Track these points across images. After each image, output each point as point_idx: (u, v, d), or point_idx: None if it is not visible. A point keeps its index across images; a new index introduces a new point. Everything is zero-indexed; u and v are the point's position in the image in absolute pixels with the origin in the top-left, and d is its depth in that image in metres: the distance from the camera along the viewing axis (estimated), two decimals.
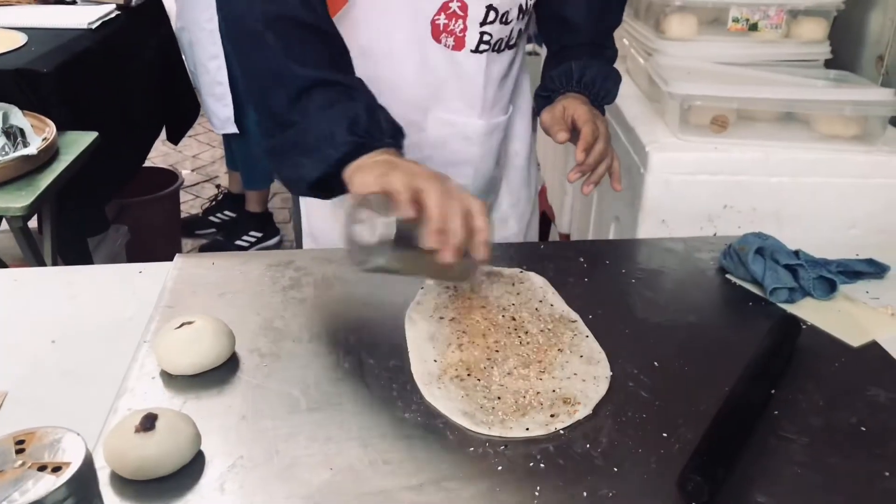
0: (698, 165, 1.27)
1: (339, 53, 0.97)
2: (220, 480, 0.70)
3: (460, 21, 1.07)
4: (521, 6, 1.10)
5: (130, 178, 2.45)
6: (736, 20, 1.46)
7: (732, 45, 1.49)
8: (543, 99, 1.19)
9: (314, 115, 0.90)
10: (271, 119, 0.94)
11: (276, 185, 3.39)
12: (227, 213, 3.20)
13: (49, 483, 0.50)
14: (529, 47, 3.19)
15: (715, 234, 1.24)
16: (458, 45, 1.09)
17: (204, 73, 2.73)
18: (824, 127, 1.30)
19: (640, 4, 1.65)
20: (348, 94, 0.92)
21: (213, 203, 3.27)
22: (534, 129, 1.33)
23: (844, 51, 1.59)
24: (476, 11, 1.07)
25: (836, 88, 1.34)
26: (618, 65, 1.22)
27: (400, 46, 1.09)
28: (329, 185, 0.92)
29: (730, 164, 1.26)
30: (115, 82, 2.31)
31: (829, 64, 1.54)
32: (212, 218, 3.21)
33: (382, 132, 0.92)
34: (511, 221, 1.32)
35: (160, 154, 3.86)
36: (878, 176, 1.25)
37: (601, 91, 1.17)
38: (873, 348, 0.92)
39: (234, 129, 2.77)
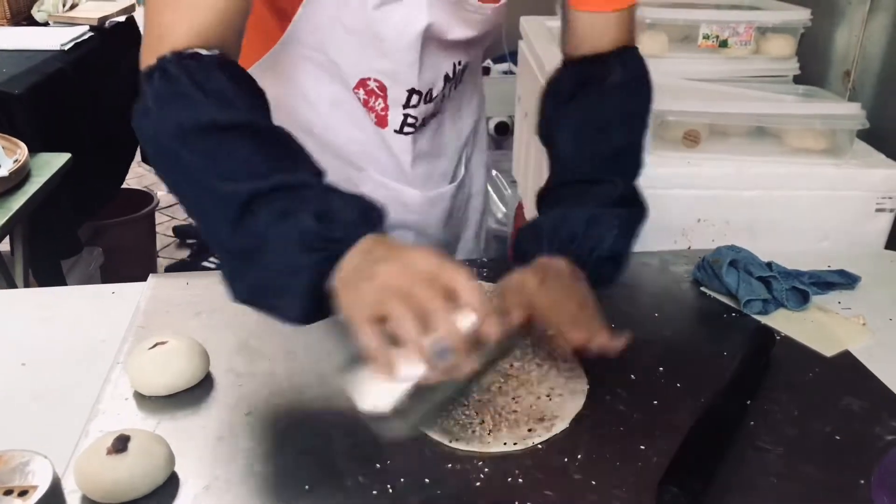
0: (671, 180, 1.28)
1: (278, 148, 0.77)
2: (194, 502, 0.69)
3: (380, 100, 1.02)
4: (446, 75, 1.04)
5: (106, 200, 2.43)
6: (706, 37, 1.48)
7: (703, 62, 1.51)
8: (519, 259, 0.92)
9: (264, 239, 0.71)
10: (222, 250, 0.77)
11: None
12: None
13: None
14: (505, 66, 3.23)
15: (689, 248, 1.25)
16: (381, 122, 1.04)
17: None
18: (795, 141, 1.32)
19: None
20: (293, 197, 0.72)
21: None
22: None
23: (812, 67, 1.62)
24: (397, 94, 1.01)
25: (805, 103, 1.36)
26: None
27: (326, 105, 1.03)
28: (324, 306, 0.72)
29: (703, 178, 1.28)
30: (89, 104, 2.30)
31: (797, 80, 1.56)
32: None
33: (347, 229, 0.71)
34: None
35: (135, 175, 3.82)
36: (847, 188, 1.27)
37: (586, 243, 0.88)
38: (846, 358, 0.93)
39: None
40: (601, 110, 0.96)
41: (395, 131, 1.06)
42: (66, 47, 2.30)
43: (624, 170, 0.96)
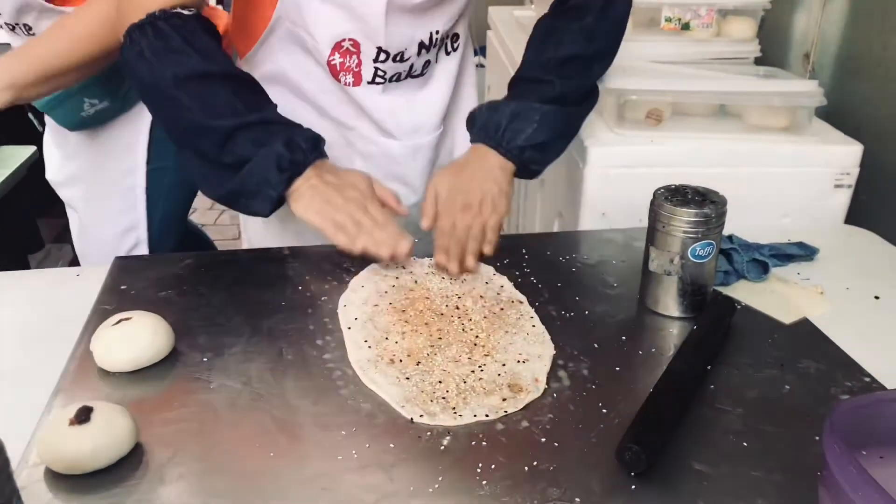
0: (635, 158, 1.30)
1: (249, 92, 1.03)
2: (159, 471, 0.69)
3: (354, 57, 1.10)
4: (420, 42, 1.12)
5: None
6: (668, 20, 1.50)
7: (666, 45, 1.53)
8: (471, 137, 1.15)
9: (245, 159, 0.99)
10: (208, 163, 1.01)
11: None
12: None
13: None
14: (475, 60, 3.25)
15: None
16: (357, 80, 1.12)
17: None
18: (755, 119, 1.35)
19: None
20: (268, 130, 1.00)
21: None
22: None
23: (773, 49, 1.65)
24: (367, 49, 1.10)
25: (764, 81, 1.38)
26: None
27: (309, 81, 1.14)
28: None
29: (666, 156, 1.29)
30: None
31: (758, 62, 1.58)
32: None
33: (305, 155, 1.01)
34: None
35: None
36: (806, 165, 1.30)
37: (507, 133, 1.08)
38: (804, 325, 0.95)
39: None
40: (564, 23, 1.13)
41: (368, 83, 1.13)
42: None
43: (570, 74, 1.12)
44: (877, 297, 1.04)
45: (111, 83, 1.29)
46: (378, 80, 1.13)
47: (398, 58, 1.11)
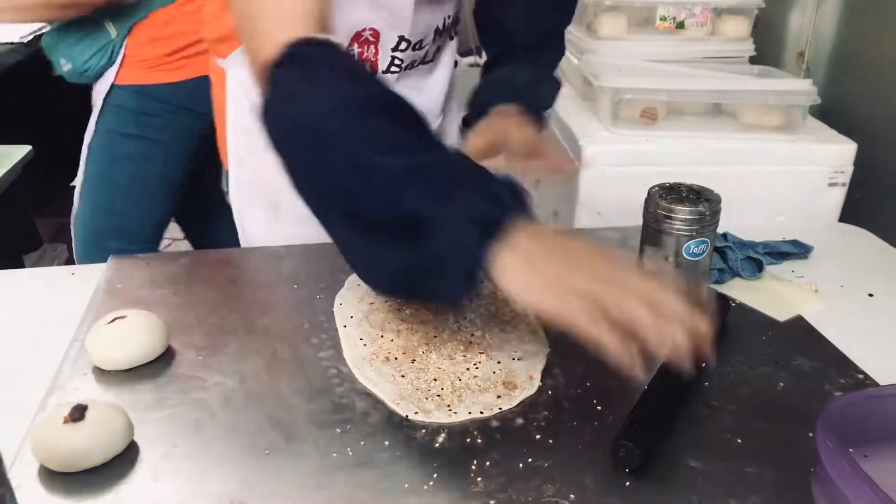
0: (630, 157, 1.30)
1: (416, 123, 0.76)
2: (153, 470, 0.69)
3: (372, 47, 1.08)
4: (437, 28, 1.11)
5: (63, 193, 2.41)
6: (663, 19, 1.50)
7: (661, 44, 1.54)
8: (475, 110, 1.13)
9: (423, 217, 0.68)
10: (369, 230, 0.72)
11: None
12: None
13: None
14: (471, 59, 3.25)
15: None
16: (374, 69, 1.10)
17: None
18: (750, 118, 1.35)
19: None
20: (449, 177, 0.71)
21: None
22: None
23: (767, 48, 1.65)
24: (388, 38, 1.07)
25: (759, 80, 1.39)
26: None
27: None
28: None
29: (660, 155, 1.30)
30: (49, 96, 2.27)
31: (753, 60, 1.59)
32: None
33: (506, 210, 0.69)
34: None
35: None
36: (800, 164, 1.30)
37: (532, 97, 1.13)
38: (799, 322, 0.96)
39: None
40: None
41: (383, 72, 1.11)
42: (26, 40, 2.27)
43: (555, 46, 1.19)
44: (870, 295, 1.04)
45: (77, 48, 1.48)
46: (393, 69, 1.12)
47: (417, 45, 1.10)
